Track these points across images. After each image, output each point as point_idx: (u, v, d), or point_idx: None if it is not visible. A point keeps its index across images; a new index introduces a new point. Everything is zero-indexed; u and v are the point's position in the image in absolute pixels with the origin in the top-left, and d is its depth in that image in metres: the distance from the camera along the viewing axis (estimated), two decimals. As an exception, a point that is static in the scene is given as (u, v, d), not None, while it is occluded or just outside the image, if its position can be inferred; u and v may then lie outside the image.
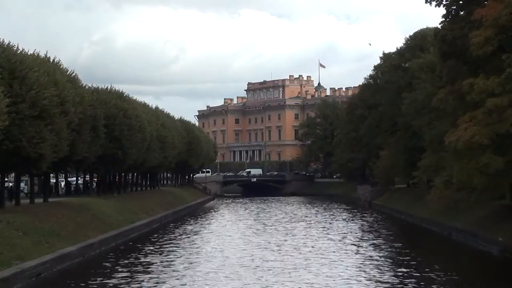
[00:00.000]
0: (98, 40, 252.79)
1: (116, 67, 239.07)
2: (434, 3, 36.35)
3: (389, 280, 25.88)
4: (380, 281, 25.65)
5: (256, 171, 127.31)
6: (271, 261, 30.79)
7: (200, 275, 27.23)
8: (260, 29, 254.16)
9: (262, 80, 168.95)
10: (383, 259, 31.99)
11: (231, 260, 31.38)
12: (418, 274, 27.31)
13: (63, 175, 63.76)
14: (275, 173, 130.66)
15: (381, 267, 29.21)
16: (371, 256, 32.73)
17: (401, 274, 27.38)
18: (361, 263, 30.30)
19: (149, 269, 28.97)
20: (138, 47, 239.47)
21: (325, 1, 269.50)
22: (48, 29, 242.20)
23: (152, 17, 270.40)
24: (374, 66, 74.04)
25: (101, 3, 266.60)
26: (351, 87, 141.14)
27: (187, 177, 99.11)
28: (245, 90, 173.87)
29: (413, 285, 25.07)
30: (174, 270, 28.52)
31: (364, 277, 26.56)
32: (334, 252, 34.29)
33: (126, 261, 31.28)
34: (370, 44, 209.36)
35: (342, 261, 31.06)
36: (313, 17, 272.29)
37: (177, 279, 26.43)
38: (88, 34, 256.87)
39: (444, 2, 36.49)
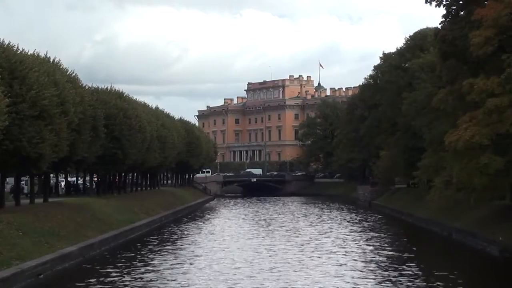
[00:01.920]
0: (100, 40, 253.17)
1: (118, 67, 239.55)
2: (434, 3, 36.36)
3: (389, 281, 25.88)
4: (378, 282, 25.66)
5: (256, 171, 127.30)
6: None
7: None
8: (262, 29, 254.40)
9: (262, 80, 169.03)
10: (382, 259, 31.98)
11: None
12: (418, 274, 27.32)
13: (63, 175, 63.71)
14: (275, 173, 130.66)
15: (380, 267, 29.22)
16: (370, 256, 32.74)
17: (400, 274, 27.38)
18: (360, 263, 30.31)
19: (149, 270, 29.00)
20: (140, 47, 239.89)
21: (327, 2, 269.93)
22: (50, 29, 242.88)
23: (155, 17, 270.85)
24: (374, 66, 74.03)
25: (104, 3, 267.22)
26: (351, 87, 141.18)
27: (187, 177, 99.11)
28: (245, 90, 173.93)
29: (413, 285, 25.07)
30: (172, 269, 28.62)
31: (362, 278, 26.56)
32: (335, 253, 34.28)
33: (125, 261, 31.31)
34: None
35: (342, 262, 31.09)
36: (315, 17, 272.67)
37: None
38: (91, 34, 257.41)
39: (444, 2, 36.50)
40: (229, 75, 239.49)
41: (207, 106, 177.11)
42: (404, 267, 29.25)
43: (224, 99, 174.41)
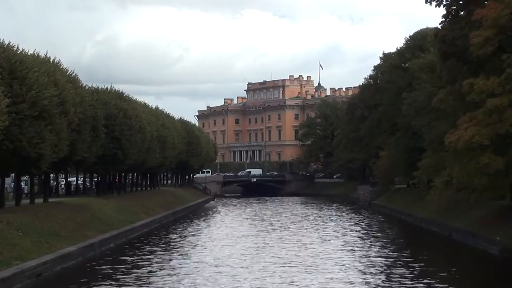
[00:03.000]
0: (101, 40, 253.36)
1: (119, 67, 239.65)
2: (434, 3, 36.43)
3: (389, 280, 25.87)
4: (379, 282, 25.66)
5: (256, 171, 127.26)
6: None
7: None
8: (262, 29, 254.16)
9: (262, 80, 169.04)
10: (382, 259, 31.96)
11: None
12: (418, 274, 27.31)
13: (63, 175, 63.73)
14: (275, 173, 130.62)
15: (381, 268, 29.21)
16: (370, 257, 32.73)
17: (401, 274, 27.38)
18: (361, 264, 30.31)
19: (149, 270, 29.00)
20: (141, 47, 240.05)
21: (328, 2, 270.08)
22: (52, 29, 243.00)
23: (157, 17, 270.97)
24: (374, 66, 74.03)
25: (106, 3, 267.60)
26: (351, 87, 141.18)
27: (187, 177, 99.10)
28: (245, 90, 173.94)
29: (414, 284, 25.06)
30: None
31: (363, 278, 26.56)
32: (335, 254, 34.28)
33: (125, 261, 31.31)
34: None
35: (343, 262, 31.10)
36: (316, 17, 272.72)
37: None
38: (92, 34, 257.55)
39: (444, 2, 36.57)
40: (230, 75, 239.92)
41: (207, 106, 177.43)
42: (405, 267, 29.23)
43: (224, 99, 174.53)
